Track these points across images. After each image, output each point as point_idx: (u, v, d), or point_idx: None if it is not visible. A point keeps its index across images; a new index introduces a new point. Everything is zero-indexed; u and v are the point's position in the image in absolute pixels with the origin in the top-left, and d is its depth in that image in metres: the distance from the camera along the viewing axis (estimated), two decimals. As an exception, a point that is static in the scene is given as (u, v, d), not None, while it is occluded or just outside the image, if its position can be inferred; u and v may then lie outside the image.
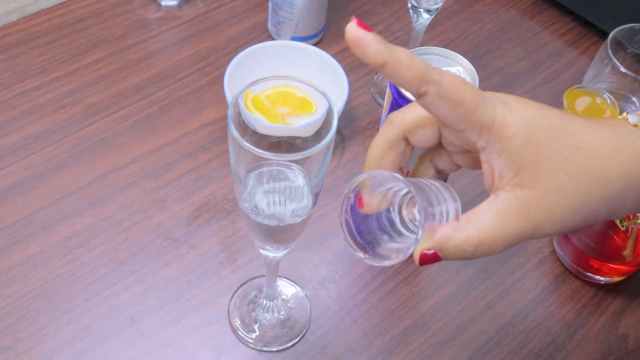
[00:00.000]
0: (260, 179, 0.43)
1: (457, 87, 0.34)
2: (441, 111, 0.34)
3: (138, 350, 0.55)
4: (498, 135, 0.34)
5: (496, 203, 0.34)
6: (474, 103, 0.34)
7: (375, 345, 0.57)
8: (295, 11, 0.74)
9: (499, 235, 0.34)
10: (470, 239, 0.34)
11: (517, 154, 0.34)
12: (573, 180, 0.34)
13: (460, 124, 0.35)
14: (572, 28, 0.86)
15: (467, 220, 0.35)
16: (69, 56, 0.75)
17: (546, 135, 0.34)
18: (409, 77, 0.33)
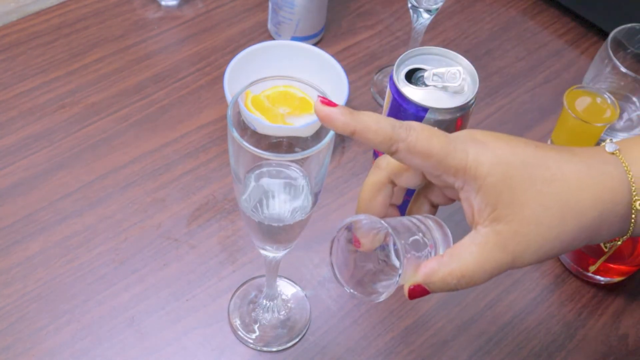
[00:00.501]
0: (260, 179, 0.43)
1: (425, 140, 0.36)
2: (415, 163, 0.37)
3: (138, 350, 0.55)
4: (472, 175, 0.37)
5: (476, 238, 0.37)
6: (443, 151, 0.36)
7: (375, 346, 0.57)
8: (295, 11, 0.74)
9: (479, 267, 0.36)
10: (453, 273, 0.37)
11: (492, 191, 0.36)
12: (548, 212, 0.36)
13: (435, 170, 0.37)
14: (572, 28, 0.86)
15: (450, 255, 0.37)
16: (69, 56, 0.75)
17: (519, 171, 0.36)
18: (377, 141, 0.37)
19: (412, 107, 0.49)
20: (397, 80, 0.50)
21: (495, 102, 0.76)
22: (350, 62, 0.78)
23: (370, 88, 0.76)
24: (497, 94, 0.77)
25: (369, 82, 0.77)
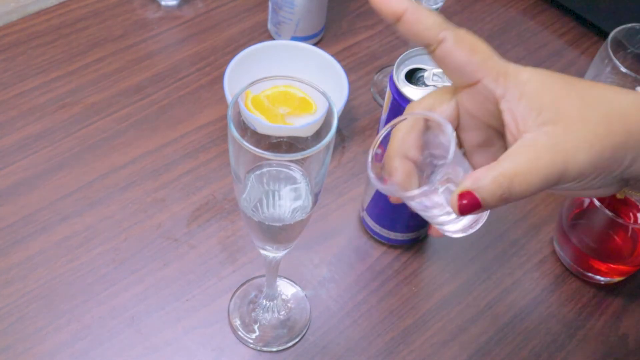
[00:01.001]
0: (260, 179, 0.43)
1: (472, 36, 0.36)
2: (458, 59, 0.36)
3: (138, 350, 0.55)
4: (513, 80, 0.36)
5: (524, 142, 0.35)
6: (488, 52, 0.36)
7: (375, 346, 0.57)
8: (295, 11, 0.74)
9: (533, 167, 0.34)
10: (505, 172, 0.34)
11: (534, 95, 0.35)
12: (593, 111, 0.35)
13: (477, 73, 0.36)
14: (572, 28, 0.86)
15: (498, 161, 0.35)
16: (69, 56, 0.75)
17: (560, 79, 0.36)
18: (429, 23, 0.36)
19: (412, 107, 0.49)
20: (397, 80, 0.50)
21: (495, 102, 0.76)
22: (350, 62, 0.78)
23: (370, 88, 0.76)
24: (497, 94, 0.77)
25: (369, 82, 0.77)
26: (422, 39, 0.36)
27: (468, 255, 0.63)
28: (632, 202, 0.62)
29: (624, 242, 0.61)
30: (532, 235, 0.65)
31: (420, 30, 0.36)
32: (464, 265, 0.63)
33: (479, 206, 0.34)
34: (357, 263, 0.62)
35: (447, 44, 0.36)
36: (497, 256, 0.63)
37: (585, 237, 0.60)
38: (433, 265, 0.62)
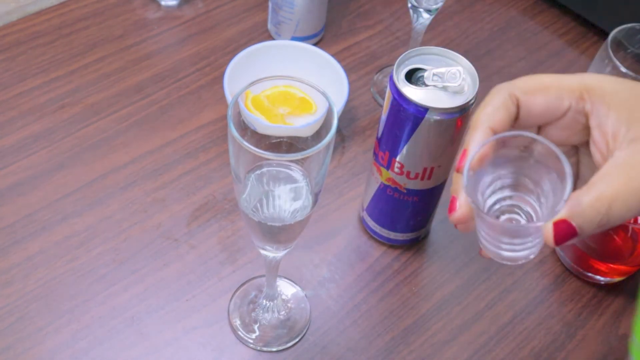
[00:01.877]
0: (260, 179, 0.43)
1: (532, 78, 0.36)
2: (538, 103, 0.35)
3: (138, 350, 0.55)
4: (598, 93, 0.34)
5: (617, 161, 0.33)
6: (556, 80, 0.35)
7: (375, 346, 0.57)
8: (295, 11, 0.74)
9: (631, 188, 0.32)
10: (602, 196, 0.32)
11: (623, 108, 0.34)
12: None
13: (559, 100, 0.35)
14: (572, 28, 0.86)
15: (591, 183, 0.33)
16: (69, 56, 0.75)
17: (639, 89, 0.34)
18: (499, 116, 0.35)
19: (412, 107, 0.49)
20: (397, 80, 0.50)
21: (495, 102, 0.76)
22: (350, 62, 0.78)
23: (370, 88, 0.76)
24: (497, 94, 0.77)
25: (369, 82, 0.77)
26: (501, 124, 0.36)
27: (468, 255, 0.63)
28: (632, 202, 0.62)
29: (624, 242, 0.61)
30: (532, 235, 0.65)
31: (502, 123, 0.35)
32: (464, 265, 0.63)
33: (575, 234, 0.33)
34: (357, 263, 0.62)
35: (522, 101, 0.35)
36: (497, 256, 0.63)
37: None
38: (433, 265, 0.63)
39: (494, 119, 0.36)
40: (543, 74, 0.36)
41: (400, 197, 0.57)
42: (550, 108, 0.36)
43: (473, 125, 0.37)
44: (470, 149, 0.36)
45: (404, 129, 0.51)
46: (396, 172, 0.55)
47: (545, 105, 0.36)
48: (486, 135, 0.36)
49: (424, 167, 0.54)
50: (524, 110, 0.36)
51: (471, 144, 0.36)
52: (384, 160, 0.55)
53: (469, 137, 0.36)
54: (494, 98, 0.36)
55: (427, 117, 0.49)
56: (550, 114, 0.36)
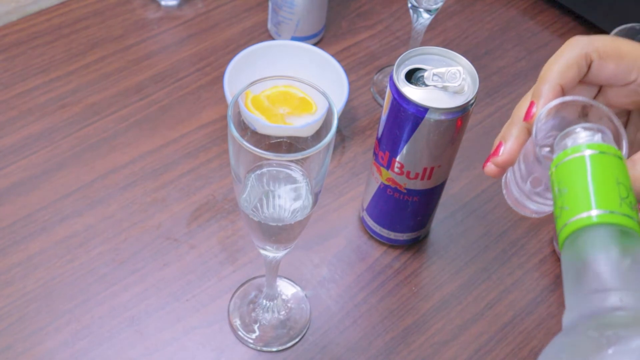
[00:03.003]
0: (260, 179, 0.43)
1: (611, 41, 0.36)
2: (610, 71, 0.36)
3: (138, 350, 0.55)
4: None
5: None
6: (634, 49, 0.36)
7: (375, 346, 0.57)
8: (295, 11, 0.74)
9: None
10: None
11: None
12: None
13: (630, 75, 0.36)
14: (572, 28, 0.86)
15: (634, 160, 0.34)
16: (69, 56, 0.75)
17: None
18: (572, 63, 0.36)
19: (412, 107, 0.49)
20: (397, 80, 0.50)
21: (495, 102, 0.76)
22: (350, 62, 0.78)
23: (370, 88, 0.76)
24: (497, 94, 0.77)
25: (369, 82, 0.77)
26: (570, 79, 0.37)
27: (468, 255, 0.63)
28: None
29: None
30: (532, 235, 0.65)
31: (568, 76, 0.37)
32: (464, 265, 0.63)
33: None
34: (357, 263, 0.62)
35: (595, 64, 0.36)
36: (497, 256, 0.63)
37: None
38: (433, 265, 0.63)
39: (566, 76, 0.37)
40: (621, 39, 0.37)
41: (400, 197, 0.57)
42: (618, 77, 0.37)
43: (543, 76, 0.38)
44: (539, 103, 0.37)
45: (404, 129, 0.51)
46: (396, 172, 0.55)
47: (613, 73, 0.37)
48: (555, 92, 0.37)
49: (424, 167, 0.54)
50: (593, 72, 0.37)
51: (540, 99, 0.37)
52: (384, 160, 0.55)
53: (538, 88, 0.38)
54: (569, 53, 0.38)
55: (427, 117, 0.49)
56: (615, 81, 0.37)
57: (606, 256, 0.29)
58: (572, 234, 0.30)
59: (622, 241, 0.29)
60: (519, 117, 0.38)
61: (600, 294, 0.28)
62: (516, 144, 0.38)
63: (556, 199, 0.32)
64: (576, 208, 0.30)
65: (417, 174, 0.54)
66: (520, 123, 0.38)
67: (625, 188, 0.30)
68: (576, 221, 0.30)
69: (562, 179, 0.32)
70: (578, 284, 0.30)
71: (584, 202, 0.30)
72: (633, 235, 0.30)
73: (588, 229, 0.30)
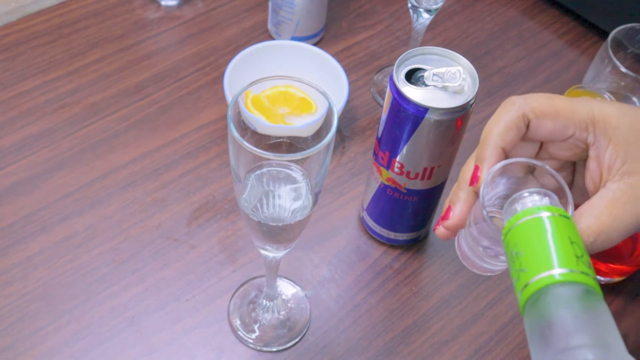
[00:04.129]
0: (260, 179, 0.43)
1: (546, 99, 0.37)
2: (547, 128, 0.37)
3: (138, 350, 0.55)
4: (602, 127, 0.37)
5: (607, 193, 0.36)
6: (569, 107, 0.37)
7: (375, 346, 0.57)
8: (295, 11, 0.74)
9: (616, 223, 0.35)
10: (589, 229, 0.35)
11: (622, 142, 0.36)
12: None
13: (565, 129, 0.37)
14: (572, 28, 0.86)
15: (580, 214, 0.36)
16: (69, 56, 0.75)
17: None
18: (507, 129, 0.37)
19: (412, 107, 0.49)
20: (397, 80, 0.50)
21: (495, 102, 0.76)
22: (350, 62, 0.78)
23: (370, 88, 0.76)
24: (497, 94, 0.77)
25: (369, 82, 0.77)
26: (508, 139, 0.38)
27: (468, 255, 0.63)
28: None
29: (624, 242, 0.61)
30: (532, 235, 0.65)
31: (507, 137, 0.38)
32: (464, 265, 0.62)
33: None
34: (357, 263, 0.62)
35: (532, 124, 0.38)
36: (497, 256, 0.63)
37: (585, 237, 0.60)
38: (433, 265, 0.63)
39: (506, 138, 0.38)
40: (557, 97, 0.38)
41: (400, 197, 0.57)
42: (556, 133, 0.38)
43: (484, 140, 0.39)
44: (483, 168, 0.38)
45: (404, 129, 0.51)
46: (396, 172, 0.55)
47: (551, 130, 0.38)
48: (497, 154, 0.38)
49: (424, 167, 0.54)
50: (532, 130, 0.38)
51: (484, 163, 0.38)
52: (384, 160, 0.55)
53: (480, 152, 0.39)
54: (507, 115, 0.38)
55: (427, 117, 0.49)
56: (554, 137, 0.39)
57: (570, 314, 0.30)
58: (534, 294, 0.31)
59: (584, 299, 0.30)
60: (465, 181, 0.39)
61: (569, 352, 0.29)
62: (465, 208, 0.39)
63: (512, 263, 0.33)
64: (536, 268, 0.31)
65: (417, 174, 0.54)
66: (467, 187, 0.39)
67: (579, 247, 0.31)
68: (538, 281, 0.31)
69: (517, 241, 0.32)
70: (545, 344, 0.30)
71: (544, 262, 0.31)
72: (593, 293, 0.30)
73: (550, 288, 0.30)
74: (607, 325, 0.30)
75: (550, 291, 0.30)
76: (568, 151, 0.39)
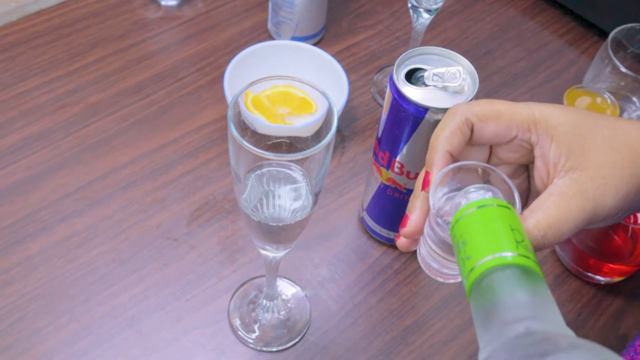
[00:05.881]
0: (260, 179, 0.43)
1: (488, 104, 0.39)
2: (490, 130, 0.39)
3: (138, 350, 0.55)
4: (544, 126, 0.38)
5: (554, 189, 0.37)
6: (510, 109, 0.39)
7: (375, 346, 0.57)
8: (295, 11, 0.74)
9: (564, 217, 0.36)
10: (538, 224, 0.36)
11: (564, 140, 0.38)
12: (618, 154, 0.37)
13: (508, 130, 0.39)
14: (572, 28, 0.86)
15: (530, 210, 0.37)
16: (69, 56, 0.75)
17: (586, 120, 0.38)
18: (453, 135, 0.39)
19: (412, 107, 0.49)
20: (397, 80, 0.50)
21: (495, 102, 0.76)
22: (350, 62, 0.78)
23: (370, 88, 0.76)
24: (497, 94, 0.77)
25: (369, 82, 0.77)
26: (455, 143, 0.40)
27: (468, 255, 0.63)
28: (632, 202, 0.62)
29: (624, 242, 0.61)
30: (532, 235, 0.65)
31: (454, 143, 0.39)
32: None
33: None
34: (357, 263, 0.62)
35: (477, 127, 0.39)
36: (497, 256, 0.63)
37: (585, 237, 0.60)
38: (433, 265, 0.62)
39: (452, 143, 0.40)
40: (498, 101, 0.40)
41: (400, 197, 0.57)
42: (499, 135, 0.40)
43: (432, 146, 0.40)
44: (432, 172, 0.40)
45: (404, 129, 0.51)
46: (396, 172, 0.55)
47: (495, 132, 0.40)
48: (445, 158, 0.40)
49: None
50: (477, 134, 0.40)
51: (433, 168, 0.40)
52: (384, 160, 0.55)
53: (429, 158, 0.40)
54: (451, 121, 0.40)
55: (427, 117, 0.49)
56: (499, 139, 0.40)
57: (511, 292, 0.32)
58: (478, 277, 0.33)
59: (524, 278, 0.32)
60: (419, 189, 0.41)
61: (509, 326, 0.30)
62: (420, 215, 0.40)
63: (459, 254, 0.34)
64: (480, 254, 0.33)
65: (417, 174, 0.54)
66: (422, 195, 0.40)
67: (519, 233, 0.33)
68: (481, 265, 0.33)
69: (462, 232, 0.34)
70: (488, 322, 0.32)
71: (487, 247, 0.33)
72: (533, 274, 0.32)
73: (493, 270, 0.32)
74: (547, 301, 0.32)
75: (492, 273, 0.32)
76: (515, 153, 0.41)
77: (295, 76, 0.44)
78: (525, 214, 0.37)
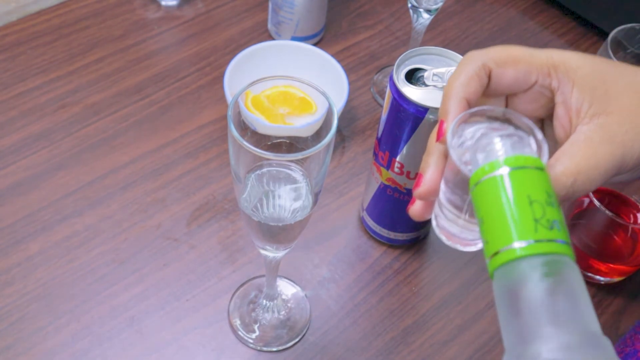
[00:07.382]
0: (260, 179, 0.43)
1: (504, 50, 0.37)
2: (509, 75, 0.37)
3: (138, 350, 0.55)
4: (563, 70, 0.36)
5: (580, 136, 0.35)
6: (527, 53, 0.37)
7: (375, 346, 0.57)
8: (295, 11, 0.74)
9: (593, 163, 0.34)
10: (567, 170, 0.34)
11: (586, 85, 0.35)
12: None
13: (528, 75, 0.37)
14: (572, 28, 0.86)
15: (556, 158, 0.35)
16: (69, 56, 0.75)
17: (604, 65, 0.36)
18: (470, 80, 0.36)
19: (412, 107, 0.49)
20: (397, 80, 0.50)
21: (495, 102, 0.76)
22: (350, 62, 0.78)
23: (370, 88, 0.76)
24: (497, 94, 0.77)
25: (369, 82, 0.77)
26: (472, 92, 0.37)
27: (468, 255, 0.63)
28: (632, 202, 0.62)
29: (624, 242, 0.61)
30: (532, 235, 0.65)
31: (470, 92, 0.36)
32: (464, 265, 0.63)
33: None
34: (357, 263, 0.62)
35: (494, 73, 0.37)
36: (497, 256, 0.63)
37: (585, 237, 0.60)
38: (433, 265, 0.63)
39: (468, 90, 0.37)
40: (514, 46, 0.38)
41: (400, 197, 0.57)
42: (519, 81, 0.37)
43: (447, 94, 0.37)
44: (448, 120, 0.36)
45: (404, 129, 0.51)
46: (396, 172, 0.55)
47: (514, 78, 0.37)
48: (462, 106, 0.36)
49: (424, 167, 0.54)
50: (494, 80, 0.37)
51: (448, 115, 0.37)
52: (384, 160, 0.55)
53: (443, 106, 0.37)
54: (468, 66, 0.37)
55: (427, 117, 0.49)
56: (518, 87, 0.38)
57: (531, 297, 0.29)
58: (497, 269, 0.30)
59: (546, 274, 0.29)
60: (433, 143, 0.38)
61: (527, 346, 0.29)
62: (436, 172, 0.37)
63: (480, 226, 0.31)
64: (495, 243, 0.29)
65: (417, 174, 0.54)
66: (436, 150, 0.37)
67: (539, 206, 0.29)
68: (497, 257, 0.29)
69: (478, 205, 0.31)
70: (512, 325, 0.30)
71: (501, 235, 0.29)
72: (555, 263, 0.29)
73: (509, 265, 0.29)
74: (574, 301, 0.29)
75: (509, 268, 0.29)
76: (534, 103, 0.38)
77: (295, 76, 0.44)
78: (551, 162, 0.34)
